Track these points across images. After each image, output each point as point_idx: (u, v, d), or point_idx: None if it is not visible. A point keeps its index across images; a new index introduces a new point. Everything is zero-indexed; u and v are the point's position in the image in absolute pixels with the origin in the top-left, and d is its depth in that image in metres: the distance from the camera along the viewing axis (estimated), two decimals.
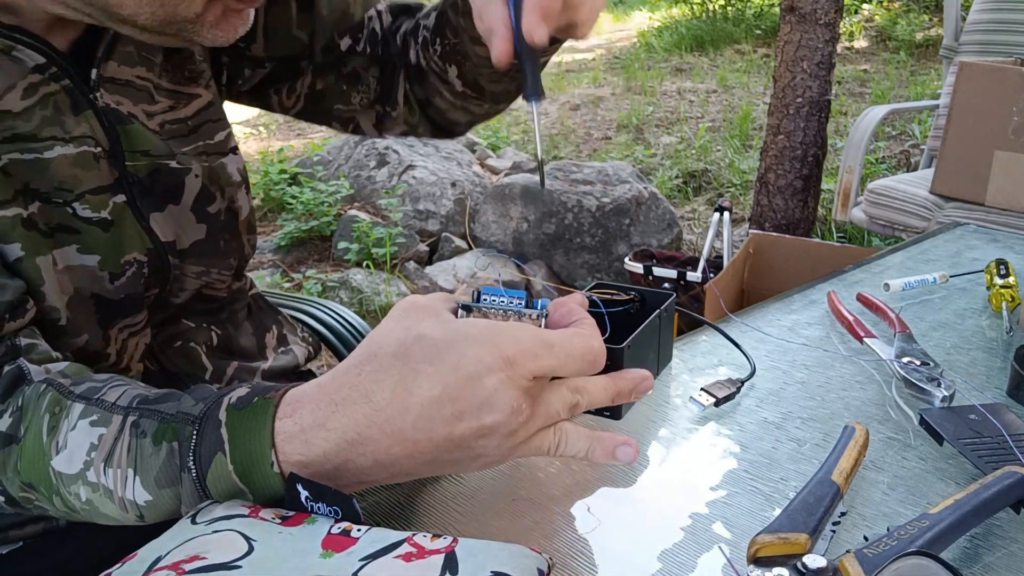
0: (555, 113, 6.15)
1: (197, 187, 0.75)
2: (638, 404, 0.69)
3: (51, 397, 0.55)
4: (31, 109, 0.63)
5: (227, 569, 0.44)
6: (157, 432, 0.52)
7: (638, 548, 0.52)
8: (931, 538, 0.47)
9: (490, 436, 0.48)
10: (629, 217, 3.43)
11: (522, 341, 0.48)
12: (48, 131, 0.64)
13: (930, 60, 6.50)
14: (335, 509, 0.50)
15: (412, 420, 0.47)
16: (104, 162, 0.67)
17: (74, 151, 0.65)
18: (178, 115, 0.74)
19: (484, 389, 0.47)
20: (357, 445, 0.48)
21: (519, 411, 0.48)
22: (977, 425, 0.61)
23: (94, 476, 0.53)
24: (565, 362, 0.50)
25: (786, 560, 0.46)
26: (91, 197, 0.66)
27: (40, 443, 0.54)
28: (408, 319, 0.50)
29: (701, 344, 0.80)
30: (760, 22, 8.10)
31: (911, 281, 0.91)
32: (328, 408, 0.49)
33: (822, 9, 3.05)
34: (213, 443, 0.50)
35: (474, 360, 0.47)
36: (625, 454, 0.53)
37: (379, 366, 0.49)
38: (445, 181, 3.88)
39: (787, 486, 0.58)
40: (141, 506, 0.52)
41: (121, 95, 0.69)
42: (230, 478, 0.50)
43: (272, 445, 0.49)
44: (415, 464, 0.49)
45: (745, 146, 4.93)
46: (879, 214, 2.59)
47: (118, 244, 0.68)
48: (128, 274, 0.69)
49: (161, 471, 0.51)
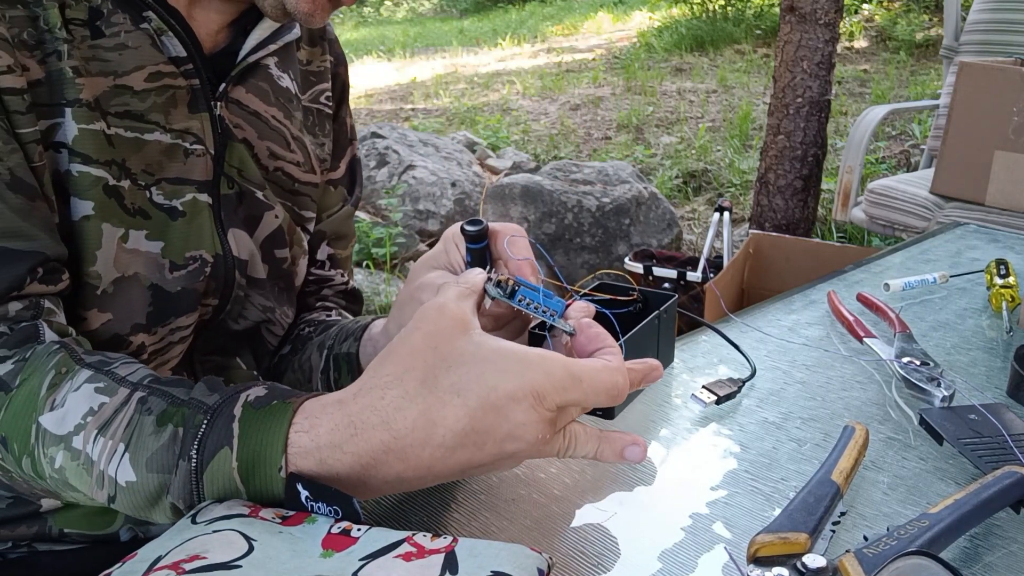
0: (555, 113, 6.15)
1: (273, 227, 0.75)
2: (638, 404, 0.69)
3: (60, 358, 0.55)
4: (148, 92, 0.65)
5: (227, 569, 0.44)
6: (164, 414, 0.51)
7: (638, 548, 0.52)
8: (931, 538, 0.47)
9: (509, 459, 0.49)
10: (629, 217, 3.43)
11: (553, 376, 0.48)
12: (154, 116, 0.65)
13: (930, 60, 6.50)
14: (335, 509, 0.50)
15: (431, 451, 0.47)
16: (197, 159, 0.68)
17: (168, 141, 0.66)
18: (292, 173, 0.77)
19: (510, 422, 0.47)
20: (370, 468, 0.48)
21: (541, 441, 0.48)
22: (977, 425, 0.61)
23: (80, 443, 0.51)
24: (590, 397, 0.49)
25: (786, 560, 0.46)
26: (167, 185, 0.67)
27: (34, 397, 0.53)
28: (438, 337, 0.49)
29: (701, 344, 0.80)
30: (760, 22, 8.10)
31: (911, 281, 0.92)
32: (347, 431, 0.48)
33: (822, 9, 3.05)
34: (222, 436, 0.49)
35: (504, 395, 0.47)
36: (633, 453, 0.53)
37: (404, 392, 0.48)
38: (445, 181, 3.88)
39: (787, 486, 0.58)
40: (120, 486, 0.50)
41: (243, 120, 0.72)
42: (230, 475, 0.49)
43: (284, 451, 0.48)
44: (423, 483, 0.50)
45: (745, 146, 4.93)
46: (879, 214, 2.59)
47: (186, 237, 0.68)
48: (190, 268, 0.69)
49: (157, 454, 0.50)
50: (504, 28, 11.15)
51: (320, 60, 0.82)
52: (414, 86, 7.68)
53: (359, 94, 7.43)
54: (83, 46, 0.62)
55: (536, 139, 5.40)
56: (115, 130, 0.64)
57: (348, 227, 0.90)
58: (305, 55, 0.81)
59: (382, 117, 6.30)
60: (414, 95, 7.19)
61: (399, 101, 7.07)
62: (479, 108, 6.41)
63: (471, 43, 10.29)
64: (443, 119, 6.13)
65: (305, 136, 0.79)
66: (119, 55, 0.64)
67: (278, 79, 0.76)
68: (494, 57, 9.11)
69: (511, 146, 5.01)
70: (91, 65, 0.63)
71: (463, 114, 6.19)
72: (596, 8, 11.45)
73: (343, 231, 0.89)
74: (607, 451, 0.53)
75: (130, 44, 0.64)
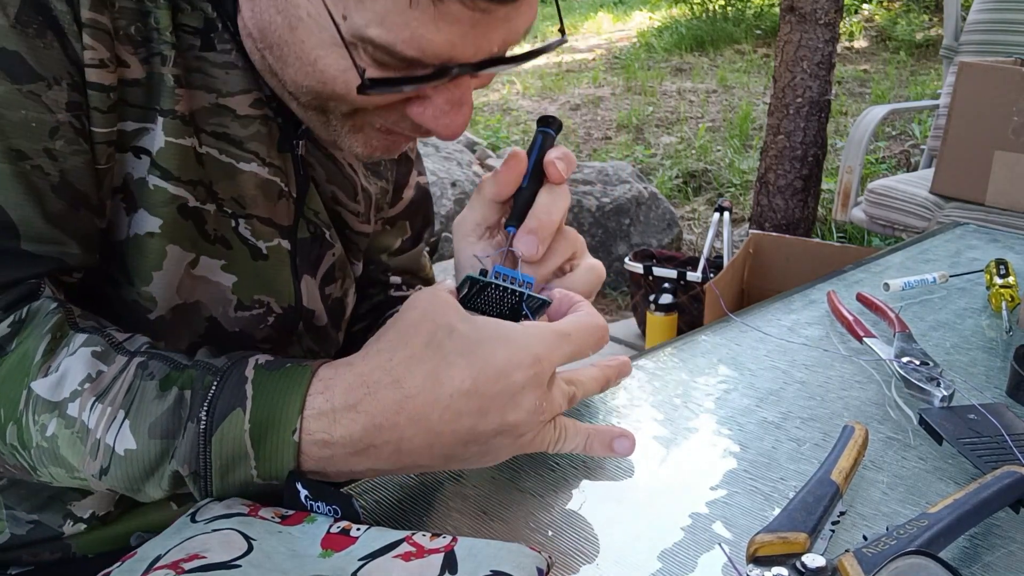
0: (555, 113, 6.15)
1: (329, 264, 0.72)
2: (637, 403, 0.69)
3: (57, 320, 0.52)
4: (251, 119, 0.61)
5: (227, 568, 0.44)
6: (168, 378, 0.50)
7: (638, 548, 0.52)
8: (930, 538, 0.47)
9: (507, 435, 0.50)
10: (629, 217, 3.43)
11: (546, 339, 0.50)
12: (253, 146, 0.62)
13: (930, 60, 6.50)
14: (334, 508, 0.50)
15: (439, 413, 0.48)
16: (285, 202, 0.65)
17: (266, 175, 0.63)
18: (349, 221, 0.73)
19: (513, 386, 0.49)
20: (383, 431, 0.48)
21: (540, 411, 0.50)
22: (976, 425, 0.61)
23: (76, 410, 0.49)
24: (582, 346, 0.52)
25: (785, 559, 0.46)
26: (258, 223, 0.63)
27: (28, 361, 0.50)
28: (436, 312, 0.51)
29: (701, 344, 0.80)
30: (760, 22, 8.10)
31: (911, 281, 0.91)
32: (361, 390, 0.49)
33: (822, 9, 3.05)
34: (234, 397, 0.49)
35: (505, 358, 0.49)
36: (622, 446, 0.55)
37: (411, 353, 0.49)
38: (445, 181, 3.88)
39: (786, 486, 0.58)
40: (117, 455, 0.49)
41: (316, 162, 0.68)
42: (241, 439, 0.48)
43: (300, 412, 0.48)
44: (431, 457, 0.50)
45: (745, 146, 4.93)
46: (879, 214, 2.59)
47: (258, 279, 0.64)
48: (254, 312, 0.65)
49: (161, 419, 0.49)
50: None
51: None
52: None
53: None
54: (189, 55, 0.58)
55: None
56: (207, 149, 0.60)
57: (417, 264, 0.85)
58: None
59: None
60: None
61: None
62: (479, 108, 6.41)
63: None
64: None
65: (372, 185, 0.75)
66: (226, 74, 0.59)
67: None
68: None
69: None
70: (194, 77, 0.58)
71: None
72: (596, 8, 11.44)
73: (410, 267, 0.84)
74: (596, 444, 0.55)
75: (240, 65, 0.60)
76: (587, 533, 0.53)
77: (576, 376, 0.55)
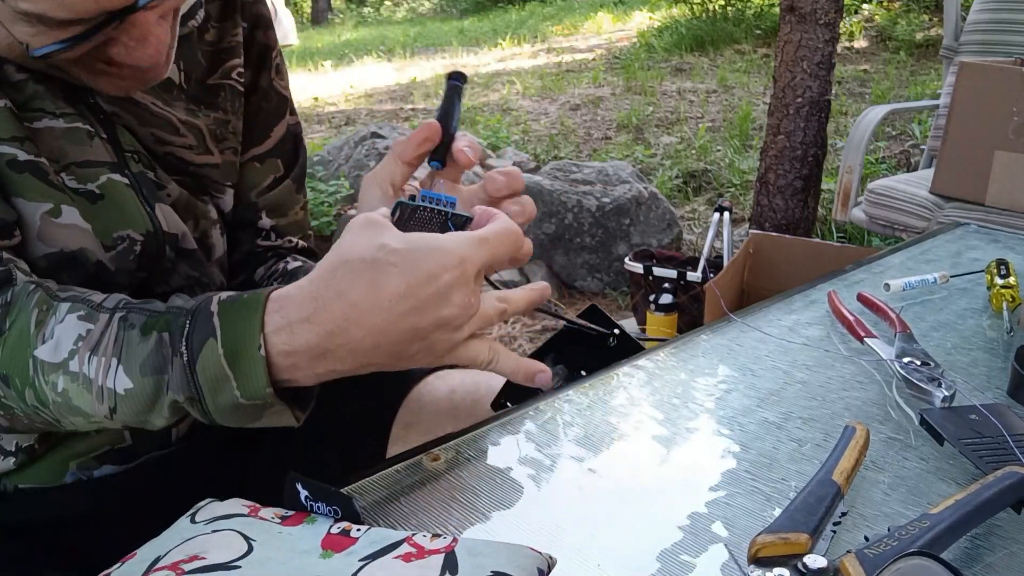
0: (555, 113, 6.14)
1: (171, 203, 0.76)
2: (637, 403, 0.69)
3: (39, 296, 0.59)
4: (23, 83, 0.66)
5: (226, 569, 0.44)
6: (147, 324, 0.57)
7: (638, 548, 0.52)
8: (932, 538, 0.47)
9: (444, 329, 0.56)
10: (629, 217, 3.43)
11: (467, 242, 0.57)
12: (38, 103, 0.67)
13: (930, 60, 6.50)
14: (334, 509, 0.50)
15: (382, 314, 0.54)
16: (99, 141, 0.70)
17: (64, 125, 0.68)
18: (185, 156, 0.77)
19: (442, 286, 0.55)
20: (336, 336, 0.55)
21: (469, 305, 0.56)
22: (978, 425, 0.61)
23: (76, 365, 0.57)
24: (499, 247, 0.59)
25: (787, 560, 0.46)
26: (77, 170, 0.69)
27: (26, 335, 0.58)
28: (369, 231, 0.57)
29: (701, 344, 0.80)
30: (760, 22, 8.10)
31: (911, 281, 0.91)
32: (311, 305, 0.55)
33: (822, 9, 3.05)
34: (205, 330, 0.56)
35: (433, 262, 0.55)
36: (542, 380, 0.62)
37: (352, 268, 0.55)
38: None
39: (787, 486, 0.58)
40: (119, 395, 0.57)
41: (120, 109, 0.72)
42: (219, 363, 0.55)
43: (261, 329, 0.55)
44: (381, 355, 0.56)
45: (745, 146, 4.92)
46: (879, 214, 2.59)
47: (108, 218, 0.70)
48: (119, 248, 0.71)
49: (148, 358, 0.56)
50: (504, 28, 11.15)
51: (232, 34, 0.81)
52: (414, 86, 7.67)
53: (359, 94, 7.43)
54: None
55: (536, 139, 5.40)
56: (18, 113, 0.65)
57: (288, 200, 0.90)
58: (214, 34, 0.80)
59: (382, 117, 6.30)
60: (414, 95, 7.19)
61: (399, 101, 7.06)
62: (479, 108, 6.41)
63: (471, 43, 10.29)
64: None
65: (200, 118, 0.78)
66: None
67: None
68: (494, 57, 9.11)
69: (511, 146, 5.01)
70: None
71: (463, 114, 6.19)
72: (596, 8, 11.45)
73: (280, 203, 0.89)
74: (520, 373, 0.61)
75: None
76: (587, 533, 0.53)
77: (507, 295, 0.62)
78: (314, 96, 7.28)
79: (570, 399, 0.70)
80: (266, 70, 0.85)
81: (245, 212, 0.86)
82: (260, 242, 0.89)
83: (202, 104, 0.79)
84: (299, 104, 5.60)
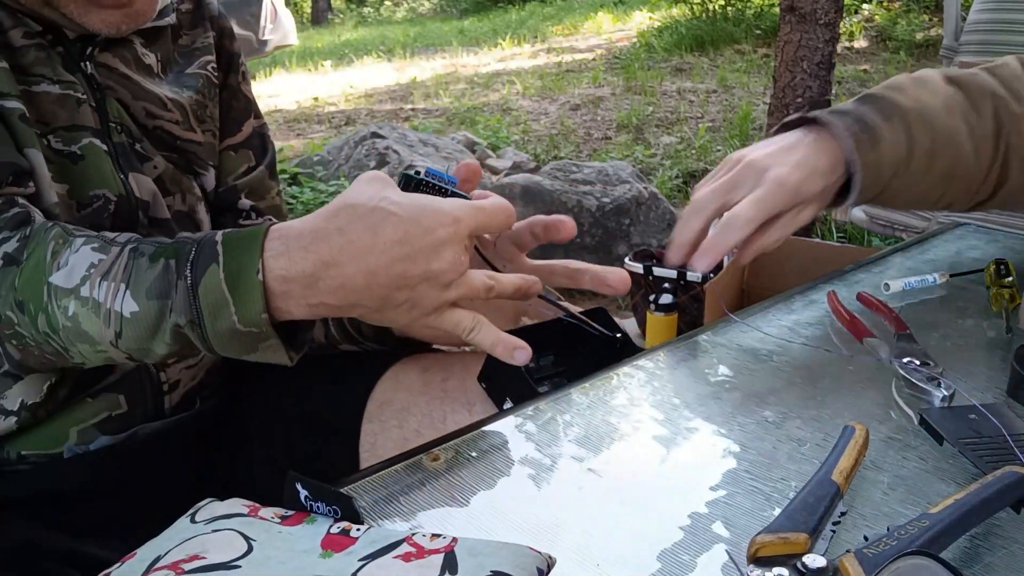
0: (555, 113, 6.14)
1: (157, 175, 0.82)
2: (637, 403, 0.69)
3: (56, 231, 0.64)
4: (27, 48, 0.72)
5: (226, 569, 0.44)
6: (155, 253, 0.61)
7: (638, 548, 0.52)
8: (931, 538, 0.47)
9: (431, 283, 0.59)
10: (629, 217, 3.43)
11: (464, 206, 0.61)
12: (39, 69, 0.73)
13: (930, 60, 6.50)
14: (334, 509, 0.50)
15: (376, 255, 0.58)
16: (87, 108, 0.76)
17: (58, 91, 0.74)
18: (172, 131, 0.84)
19: (436, 239, 0.59)
20: (330, 267, 0.58)
21: (458, 262, 0.60)
22: (977, 425, 0.61)
23: (87, 290, 0.60)
24: (492, 217, 0.63)
25: (786, 560, 0.46)
26: (64, 133, 0.74)
27: (42, 263, 0.62)
28: (376, 184, 0.61)
29: (701, 344, 0.80)
30: (760, 22, 8.10)
31: (911, 281, 0.91)
32: (311, 235, 0.59)
33: (822, 9, 3.05)
34: (209, 256, 0.60)
35: (430, 217, 0.59)
36: (520, 356, 0.64)
37: (354, 212, 0.59)
38: None
39: (787, 486, 0.58)
40: (125, 318, 0.60)
41: (114, 82, 0.79)
42: (220, 287, 0.58)
43: (260, 255, 0.58)
44: (369, 296, 0.59)
45: (745, 146, 4.92)
46: (879, 214, 2.59)
47: (86, 178, 0.75)
48: (95, 206, 0.76)
49: (155, 283, 0.60)
50: (504, 28, 11.15)
51: (203, 38, 0.90)
52: (414, 86, 7.67)
53: (359, 94, 7.43)
54: None
55: (536, 139, 5.40)
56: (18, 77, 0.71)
57: (263, 185, 0.97)
58: (187, 40, 0.89)
59: (382, 117, 6.30)
60: (414, 95, 7.19)
61: (399, 101, 7.06)
62: (479, 108, 6.41)
63: (471, 43, 10.29)
64: (443, 119, 6.12)
65: (182, 96, 0.85)
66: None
67: (142, 56, 0.83)
68: (494, 57, 9.10)
69: (511, 146, 5.01)
70: None
71: (463, 114, 6.19)
72: (596, 8, 11.45)
73: (256, 187, 0.96)
74: (499, 347, 0.64)
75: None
76: (587, 533, 0.53)
77: (496, 274, 0.66)
78: (314, 96, 7.27)
79: (570, 399, 0.70)
80: (234, 73, 0.94)
81: (226, 195, 0.93)
82: (242, 222, 0.94)
83: (183, 87, 0.86)
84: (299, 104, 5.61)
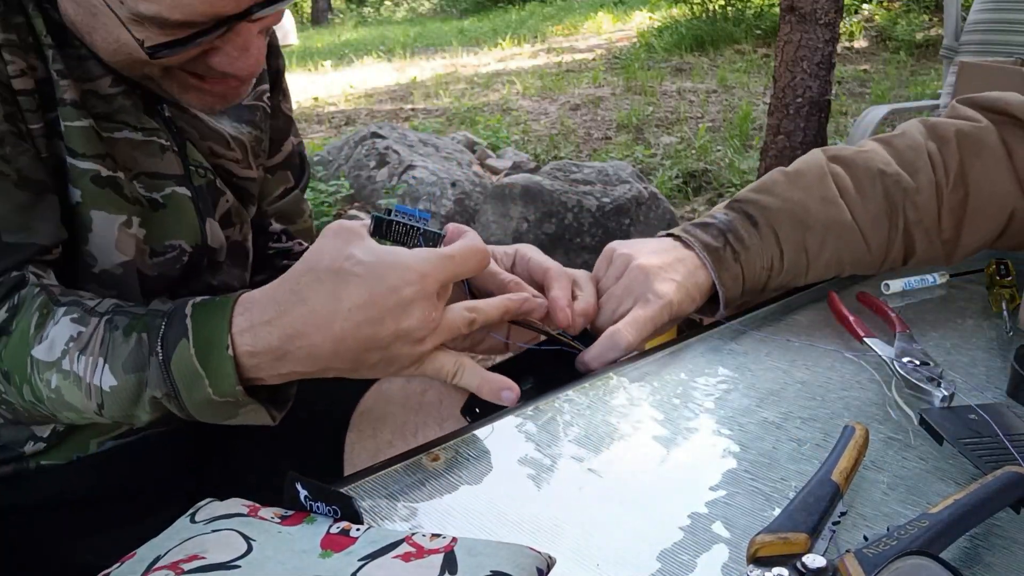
0: (555, 113, 6.14)
1: (225, 209, 0.82)
2: (637, 403, 0.69)
3: (42, 300, 0.63)
4: (112, 96, 0.71)
5: (226, 569, 0.44)
6: (129, 326, 0.61)
7: (638, 548, 0.52)
8: (931, 538, 0.47)
9: (404, 340, 0.59)
10: (629, 217, 3.43)
11: (431, 259, 0.59)
12: (122, 116, 0.72)
13: (930, 60, 6.50)
14: (334, 509, 0.50)
15: (340, 321, 0.57)
16: (171, 154, 0.75)
17: (140, 138, 0.73)
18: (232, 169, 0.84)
19: (402, 298, 0.57)
20: (295, 339, 0.58)
21: (428, 319, 0.59)
22: (977, 425, 0.61)
23: (68, 364, 0.60)
24: (462, 265, 0.61)
25: (786, 560, 0.46)
26: (147, 179, 0.74)
27: (26, 335, 0.62)
28: (339, 240, 0.60)
29: (701, 344, 0.80)
30: (760, 22, 8.10)
31: (911, 281, 0.91)
32: (273, 308, 0.59)
33: (822, 9, 3.05)
34: (179, 331, 0.59)
35: (395, 276, 0.57)
36: (508, 398, 0.63)
37: (316, 276, 0.58)
38: (445, 181, 3.88)
39: (787, 486, 0.58)
40: (105, 392, 0.60)
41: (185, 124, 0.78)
42: (191, 361, 0.58)
43: (229, 331, 0.58)
44: (340, 360, 0.59)
45: (745, 146, 4.92)
46: None
47: (166, 227, 0.75)
48: (167, 256, 0.76)
49: (129, 357, 0.60)
50: (504, 28, 11.15)
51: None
52: (414, 86, 7.67)
53: (359, 94, 7.43)
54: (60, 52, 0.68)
55: (536, 139, 5.40)
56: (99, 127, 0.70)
57: (296, 208, 0.98)
58: None
59: (382, 117, 6.30)
60: (414, 95, 7.19)
61: (399, 101, 7.06)
62: (479, 108, 6.41)
63: (471, 43, 10.29)
64: (443, 119, 6.13)
65: (243, 134, 0.85)
66: (86, 62, 0.69)
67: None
68: (494, 57, 9.11)
69: (511, 146, 5.01)
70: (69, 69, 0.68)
71: (463, 114, 6.19)
72: (596, 8, 11.45)
73: (289, 211, 0.97)
74: (485, 389, 0.63)
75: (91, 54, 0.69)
76: (587, 533, 0.53)
77: (478, 304, 0.64)
78: (314, 96, 7.28)
79: (570, 399, 0.70)
80: (278, 91, 0.93)
81: (257, 219, 0.92)
82: (272, 244, 0.95)
83: (242, 121, 0.86)
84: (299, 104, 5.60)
